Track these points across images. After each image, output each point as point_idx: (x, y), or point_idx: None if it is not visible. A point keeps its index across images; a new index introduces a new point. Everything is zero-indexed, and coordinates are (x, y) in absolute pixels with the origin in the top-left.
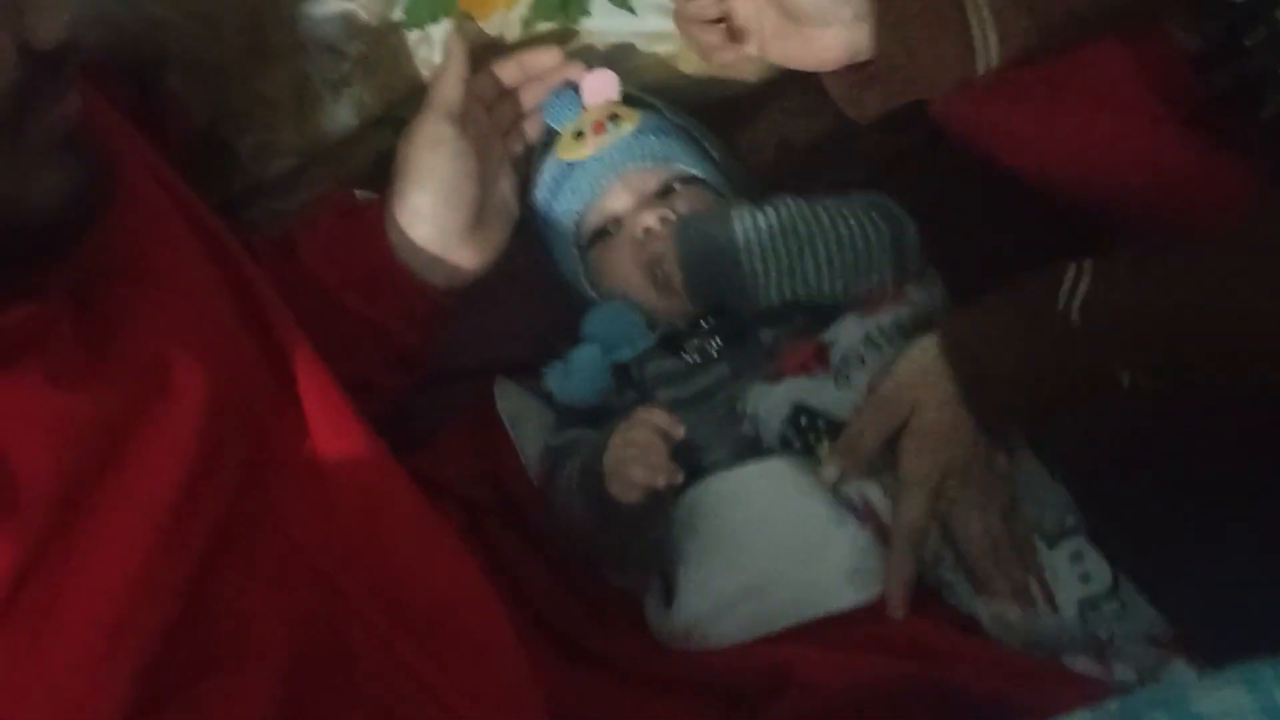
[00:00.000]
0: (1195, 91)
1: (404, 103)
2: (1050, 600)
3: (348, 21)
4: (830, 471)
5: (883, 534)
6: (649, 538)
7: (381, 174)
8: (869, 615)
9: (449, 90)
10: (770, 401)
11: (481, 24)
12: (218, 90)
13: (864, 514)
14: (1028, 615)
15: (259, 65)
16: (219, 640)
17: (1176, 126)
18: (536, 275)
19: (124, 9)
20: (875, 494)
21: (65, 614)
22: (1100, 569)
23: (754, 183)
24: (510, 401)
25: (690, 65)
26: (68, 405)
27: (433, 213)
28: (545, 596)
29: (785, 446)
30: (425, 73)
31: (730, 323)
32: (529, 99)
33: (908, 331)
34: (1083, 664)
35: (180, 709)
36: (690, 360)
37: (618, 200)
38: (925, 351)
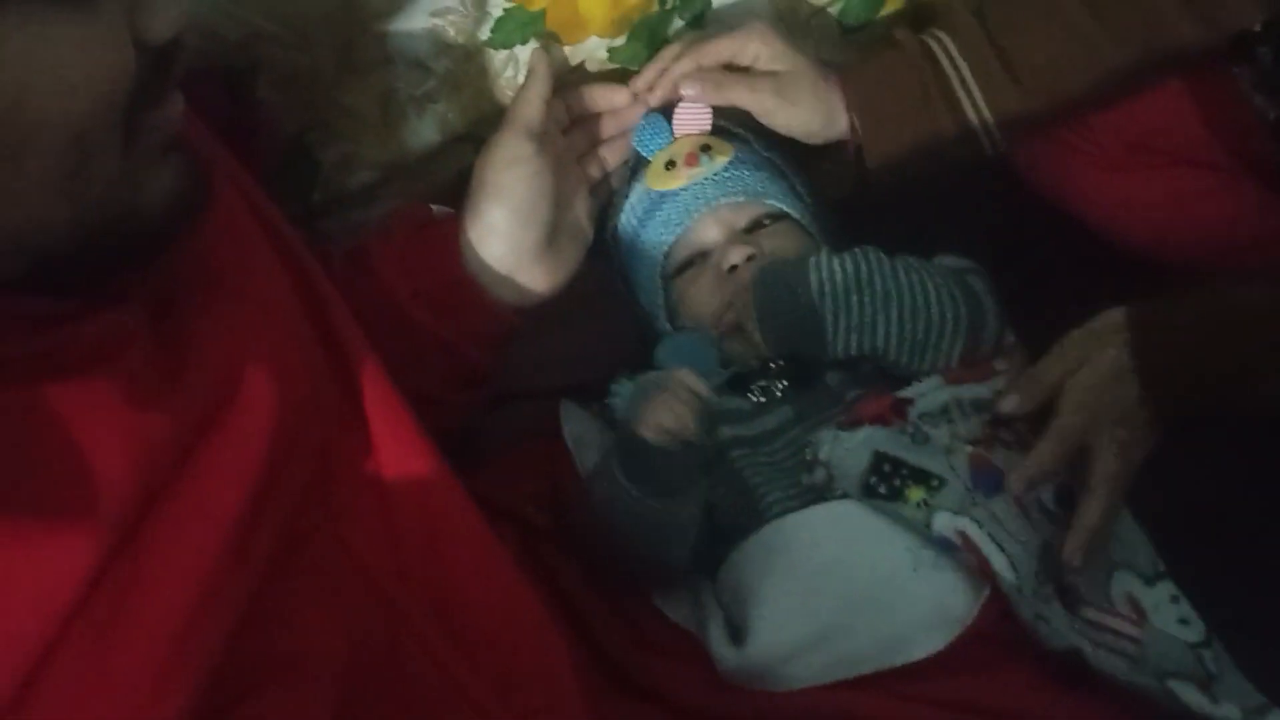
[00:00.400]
0: (1275, 155)
1: (487, 121)
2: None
3: (436, 39)
4: (1011, 403)
5: (980, 568)
6: (681, 523)
7: (461, 191)
8: (946, 665)
9: (529, 109)
10: (848, 449)
11: (566, 49)
12: (306, 101)
13: (963, 548)
14: (1136, 629)
15: (347, 78)
16: (278, 653)
17: (1256, 189)
18: (606, 299)
19: (221, 18)
20: (973, 529)
21: (133, 621)
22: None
23: (832, 217)
24: (575, 425)
25: None
26: (144, 419)
27: (507, 230)
28: (602, 626)
29: (868, 493)
30: (510, 93)
31: (800, 367)
32: (608, 128)
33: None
34: (1189, 694)
35: None
36: (755, 400)
37: (707, 234)
38: (1102, 320)
